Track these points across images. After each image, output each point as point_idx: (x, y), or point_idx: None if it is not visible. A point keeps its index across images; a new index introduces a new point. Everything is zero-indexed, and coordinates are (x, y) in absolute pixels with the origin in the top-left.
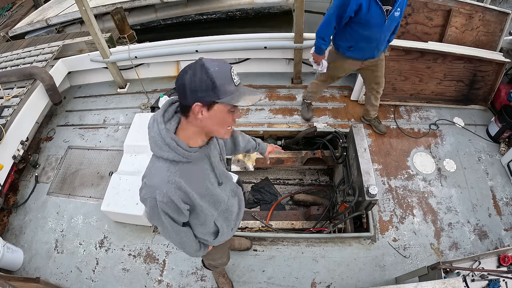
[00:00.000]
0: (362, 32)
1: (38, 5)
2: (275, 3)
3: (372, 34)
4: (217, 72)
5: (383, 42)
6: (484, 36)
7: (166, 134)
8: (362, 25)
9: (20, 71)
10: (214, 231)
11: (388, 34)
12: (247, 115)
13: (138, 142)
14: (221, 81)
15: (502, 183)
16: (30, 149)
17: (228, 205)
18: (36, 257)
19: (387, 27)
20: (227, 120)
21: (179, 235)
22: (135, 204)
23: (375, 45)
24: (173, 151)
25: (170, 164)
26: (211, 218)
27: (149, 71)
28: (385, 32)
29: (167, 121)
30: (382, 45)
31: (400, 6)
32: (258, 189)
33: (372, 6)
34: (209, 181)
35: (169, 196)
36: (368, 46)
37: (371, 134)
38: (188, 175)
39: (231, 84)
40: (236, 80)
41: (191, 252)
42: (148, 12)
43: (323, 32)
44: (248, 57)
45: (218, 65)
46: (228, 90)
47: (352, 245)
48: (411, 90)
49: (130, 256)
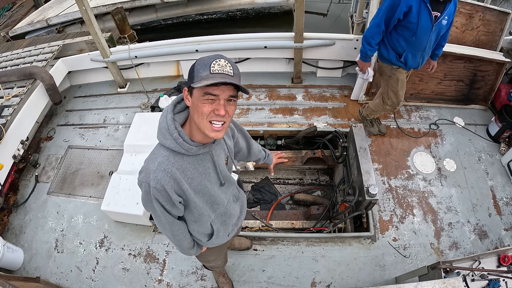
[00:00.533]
0: (409, 37)
1: (38, 5)
2: (275, 3)
3: (418, 40)
4: (201, 60)
5: (427, 51)
6: (484, 35)
7: (171, 123)
8: (409, 30)
9: (20, 70)
10: (209, 233)
11: (433, 43)
12: (247, 115)
13: (138, 141)
14: (199, 67)
15: (502, 183)
16: (30, 149)
17: (227, 208)
18: (36, 256)
19: (433, 34)
20: (201, 108)
21: (172, 226)
22: (135, 203)
23: (420, 53)
24: (174, 140)
25: (170, 153)
26: (208, 219)
27: (149, 70)
28: (430, 40)
29: (178, 112)
30: (426, 55)
31: (448, 14)
32: (258, 189)
33: (422, 9)
34: (209, 180)
35: (162, 184)
36: (414, 54)
37: (371, 134)
38: (186, 168)
39: (205, 71)
40: (215, 68)
41: (183, 248)
42: (149, 12)
43: (371, 36)
44: (248, 56)
45: (209, 55)
46: (201, 76)
47: (352, 245)
48: (411, 90)
49: (130, 256)
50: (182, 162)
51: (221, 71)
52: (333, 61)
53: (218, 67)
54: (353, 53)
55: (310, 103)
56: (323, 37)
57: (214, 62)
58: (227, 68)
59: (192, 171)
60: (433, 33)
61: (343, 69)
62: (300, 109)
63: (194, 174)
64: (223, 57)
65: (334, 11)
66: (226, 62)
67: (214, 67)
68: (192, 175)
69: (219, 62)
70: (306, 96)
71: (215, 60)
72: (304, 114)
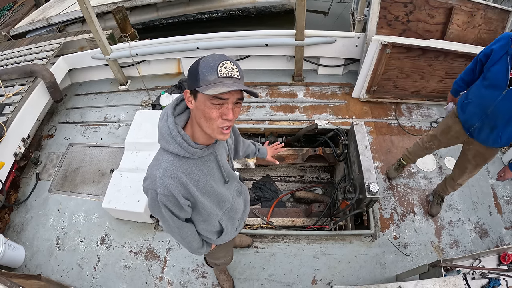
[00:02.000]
0: (479, 88)
1: (39, 4)
2: (277, 2)
3: (485, 98)
4: (206, 61)
5: (491, 119)
6: (486, 34)
7: (174, 128)
8: (482, 80)
9: (21, 68)
10: (218, 230)
11: (504, 114)
12: (248, 113)
13: (139, 139)
14: (204, 70)
15: (503, 182)
16: (31, 147)
17: (233, 204)
18: (38, 254)
19: (503, 99)
20: (209, 113)
21: (180, 230)
22: (136, 201)
23: (480, 116)
24: (179, 145)
25: (174, 158)
26: (216, 217)
27: (150, 68)
28: (499, 106)
29: (178, 115)
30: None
31: None
32: (259, 186)
33: (502, 60)
34: (214, 180)
35: (169, 190)
36: (475, 113)
37: (372, 131)
38: (192, 171)
39: (213, 74)
40: (223, 72)
41: (193, 248)
42: (150, 11)
43: (464, 71)
44: (249, 54)
45: (213, 56)
46: (208, 80)
47: (353, 243)
48: (412, 88)
49: (131, 253)
50: (187, 165)
51: (229, 74)
52: (334, 58)
53: (225, 70)
54: (354, 50)
55: (311, 101)
56: (324, 35)
57: (220, 64)
58: (234, 70)
59: (198, 173)
60: (503, 99)
61: (344, 67)
62: (301, 107)
63: (200, 176)
64: (227, 58)
65: (335, 10)
66: (232, 64)
67: (222, 70)
68: (198, 177)
69: (225, 64)
70: (307, 94)
71: (222, 63)
72: (305, 112)
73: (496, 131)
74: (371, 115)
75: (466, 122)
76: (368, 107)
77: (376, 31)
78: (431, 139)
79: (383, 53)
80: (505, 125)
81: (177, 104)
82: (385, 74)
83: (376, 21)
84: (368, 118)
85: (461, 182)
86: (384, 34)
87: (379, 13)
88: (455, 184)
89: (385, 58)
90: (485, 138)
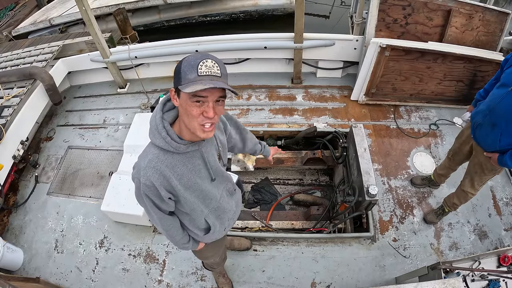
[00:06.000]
0: (493, 89)
1: (41, 5)
2: (278, 5)
3: (494, 96)
4: (188, 60)
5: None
6: (484, 36)
7: (160, 123)
8: (497, 81)
9: (20, 71)
10: (205, 228)
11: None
12: (247, 115)
13: (138, 142)
14: (186, 69)
15: (502, 183)
16: (30, 149)
17: (220, 203)
18: (36, 257)
19: (507, 96)
20: (190, 111)
21: (162, 221)
22: (135, 204)
23: (484, 113)
24: (163, 139)
25: (160, 151)
26: (201, 214)
27: (149, 71)
28: (502, 103)
29: (168, 111)
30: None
31: None
32: (258, 189)
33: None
34: (199, 176)
35: (151, 180)
36: (482, 110)
37: (371, 134)
38: (176, 165)
39: (193, 73)
40: (203, 70)
41: (176, 241)
42: (152, 13)
43: (488, 82)
44: (248, 57)
45: (196, 55)
46: (188, 78)
47: (352, 245)
48: (411, 90)
49: (130, 256)
50: (171, 159)
51: (208, 72)
52: (333, 61)
53: (205, 68)
54: (353, 53)
55: (310, 104)
56: (323, 38)
57: (201, 63)
58: (215, 69)
59: (182, 168)
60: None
61: (343, 70)
62: (300, 110)
63: (184, 171)
64: (209, 56)
65: (336, 14)
66: (213, 62)
67: (202, 68)
68: (181, 171)
69: (206, 63)
70: (306, 97)
71: (202, 61)
72: (304, 115)
73: (496, 130)
74: (370, 118)
75: (473, 118)
76: (367, 109)
77: (374, 34)
78: (452, 148)
79: (381, 55)
80: (506, 124)
81: (168, 100)
82: (384, 76)
83: (374, 23)
84: (367, 120)
85: (472, 191)
86: (382, 36)
87: (377, 16)
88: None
89: (384, 60)
90: (484, 135)
